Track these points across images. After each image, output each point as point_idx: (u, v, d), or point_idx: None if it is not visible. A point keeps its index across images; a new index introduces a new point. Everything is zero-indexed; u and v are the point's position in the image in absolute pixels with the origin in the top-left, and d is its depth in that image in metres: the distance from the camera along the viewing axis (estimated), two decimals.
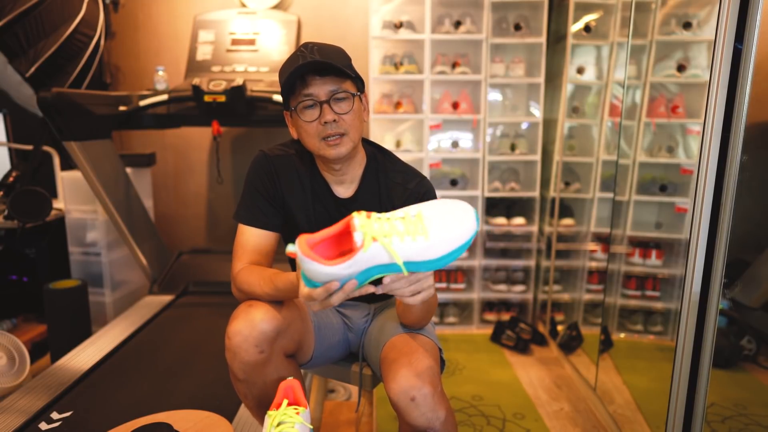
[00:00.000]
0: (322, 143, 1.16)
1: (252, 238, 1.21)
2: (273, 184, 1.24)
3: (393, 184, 1.26)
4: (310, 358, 1.27)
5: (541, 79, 2.87)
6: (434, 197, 1.26)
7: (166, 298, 2.62)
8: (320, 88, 1.13)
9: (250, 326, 1.07)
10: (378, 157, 1.29)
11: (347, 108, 1.16)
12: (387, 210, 1.23)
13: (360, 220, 0.89)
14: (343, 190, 1.26)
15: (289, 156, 1.26)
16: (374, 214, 0.91)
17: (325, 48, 1.14)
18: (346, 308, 1.38)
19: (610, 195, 2.07)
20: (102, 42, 2.86)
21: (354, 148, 1.19)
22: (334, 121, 1.14)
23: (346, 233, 0.92)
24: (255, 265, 1.18)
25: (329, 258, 0.92)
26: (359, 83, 1.20)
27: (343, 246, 0.94)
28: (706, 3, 1.59)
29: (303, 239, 0.88)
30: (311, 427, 1.06)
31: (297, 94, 1.15)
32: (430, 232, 0.91)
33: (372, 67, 2.89)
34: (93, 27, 2.78)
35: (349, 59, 1.18)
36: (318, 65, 1.11)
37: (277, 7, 3.06)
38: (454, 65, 2.90)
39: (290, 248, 0.88)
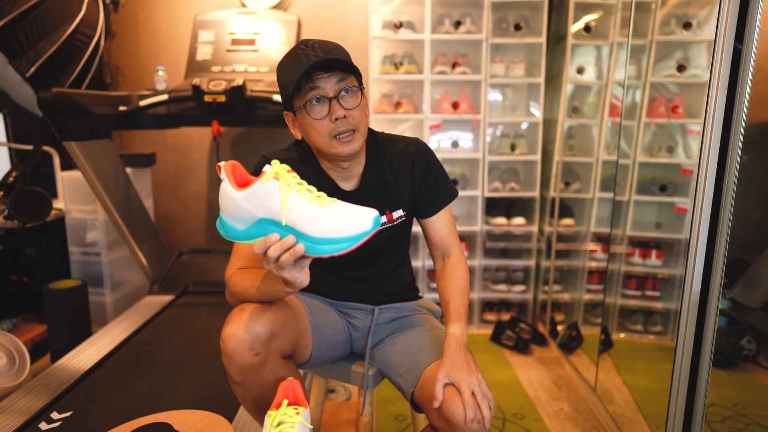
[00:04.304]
0: (334, 141, 1.15)
1: (248, 246, 1.20)
2: None
3: (395, 154, 1.28)
4: (308, 358, 1.27)
5: (541, 79, 2.87)
6: (434, 154, 1.31)
7: (166, 298, 2.62)
8: (327, 84, 1.12)
9: (244, 329, 1.06)
10: (372, 139, 1.29)
11: (355, 102, 1.15)
12: (397, 189, 1.27)
13: (276, 164, 0.96)
14: (348, 183, 1.27)
15: (292, 159, 1.25)
16: (294, 174, 0.98)
17: (325, 44, 1.14)
18: (349, 309, 1.38)
19: (610, 195, 2.07)
20: (102, 42, 2.87)
21: (363, 143, 1.20)
22: (345, 117, 1.13)
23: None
24: (246, 268, 1.18)
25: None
26: (360, 77, 1.19)
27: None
28: (706, 3, 1.59)
29: (232, 163, 0.98)
30: (311, 427, 1.06)
31: (303, 92, 1.13)
32: (326, 208, 0.95)
33: (372, 67, 2.89)
34: (93, 27, 2.78)
35: (348, 53, 1.18)
36: (326, 63, 1.10)
37: (277, 7, 3.06)
38: (454, 65, 2.90)
39: (221, 162, 0.97)
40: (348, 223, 0.94)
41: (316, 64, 1.09)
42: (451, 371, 1.09)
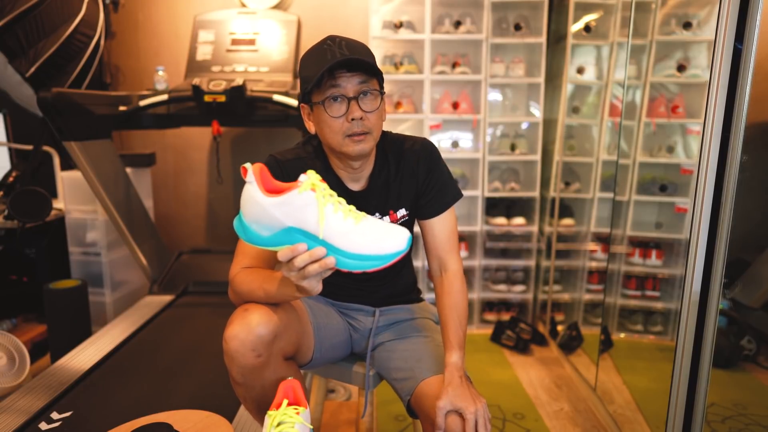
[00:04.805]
0: (346, 140, 1.15)
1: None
2: None
3: (402, 152, 1.28)
4: (310, 359, 1.27)
5: (541, 79, 2.87)
6: (440, 155, 1.31)
7: (166, 298, 2.62)
8: (349, 83, 1.12)
9: (247, 330, 1.06)
10: (381, 139, 1.29)
11: (374, 106, 1.15)
12: (402, 188, 1.27)
13: (312, 175, 0.94)
14: (357, 183, 1.27)
15: (301, 159, 1.25)
16: (326, 185, 0.96)
17: (352, 43, 1.13)
18: (350, 310, 1.38)
19: (610, 195, 2.07)
20: (102, 42, 2.86)
21: (374, 146, 1.20)
22: (361, 118, 1.13)
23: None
24: (252, 268, 1.18)
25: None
26: (382, 81, 1.19)
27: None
28: (706, 3, 1.59)
29: (260, 165, 0.94)
30: (311, 427, 1.06)
31: (323, 88, 1.12)
32: (362, 223, 0.95)
33: None
34: (93, 27, 2.78)
35: (373, 55, 1.17)
36: (351, 62, 1.10)
37: (277, 7, 3.06)
38: (454, 65, 2.90)
39: (247, 164, 0.92)
40: (382, 242, 0.94)
41: (340, 62, 1.09)
42: (456, 400, 1.10)
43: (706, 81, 1.34)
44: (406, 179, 1.28)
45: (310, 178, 0.94)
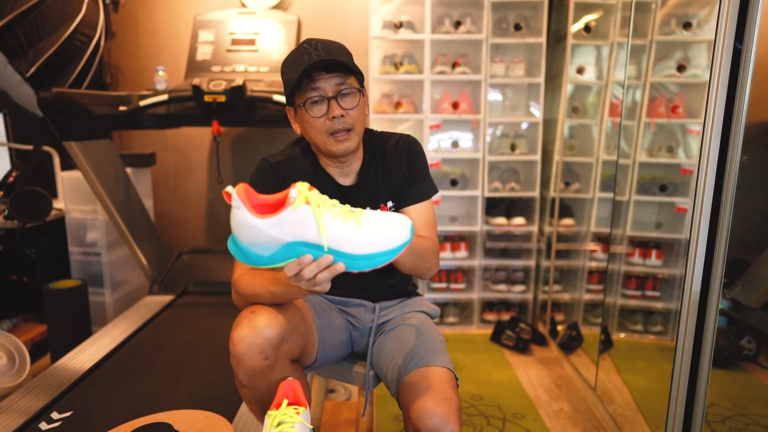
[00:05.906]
0: (330, 138, 1.18)
1: None
2: (279, 190, 1.23)
3: (387, 148, 1.31)
4: (314, 360, 1.27)
5: (541, 79, 2.87)
6: (422, 149, 1.33)
7: (166, 298, 2.62)
8: (327, 84, 1.16)
9: (255, 333, 1.06)
10: (369, 136, 1.33)
11: (353, 103, 1.19)
12: (389, 182, 1.28)
13: (302, 187, 0.92)
14: (347, 178, 1.30)
15: (292, 159, 1.28)
16: (317, 192, 0.94)
17: (328, 44, 1.17)
18: (350, 307, 1.38)
19: (610, 195, 2.07)
20: (102, 42, 2.86)
21: (359, 142, 1.24)
22: (342, 116, 1.16)
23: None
24: (255, 270, 1.17)
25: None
26: (361, 78, 1.23)
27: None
28: (706, 3, 1.59)
29: (243, 187, 0.91)
30: (311, 427, 1.06)
31: (303, 90, 1.16)
32: (363, 222, 0.93)
33: (372, 67, 2.89)
34: (93, 27, 2.78)
35: (350, 54, 1.21)
36: (326, 63, 1.13)
37: (277, 7, 3.06)
38: (454, 65, 2.90)
39: (228, 188, 0.89)
40: (387, 236, 0.94)
41: (316, 64, 1.12)
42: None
43: (706, 81, 1.34)
44: (392, 173, 1.31)
45: (301, 191, 0.92)
